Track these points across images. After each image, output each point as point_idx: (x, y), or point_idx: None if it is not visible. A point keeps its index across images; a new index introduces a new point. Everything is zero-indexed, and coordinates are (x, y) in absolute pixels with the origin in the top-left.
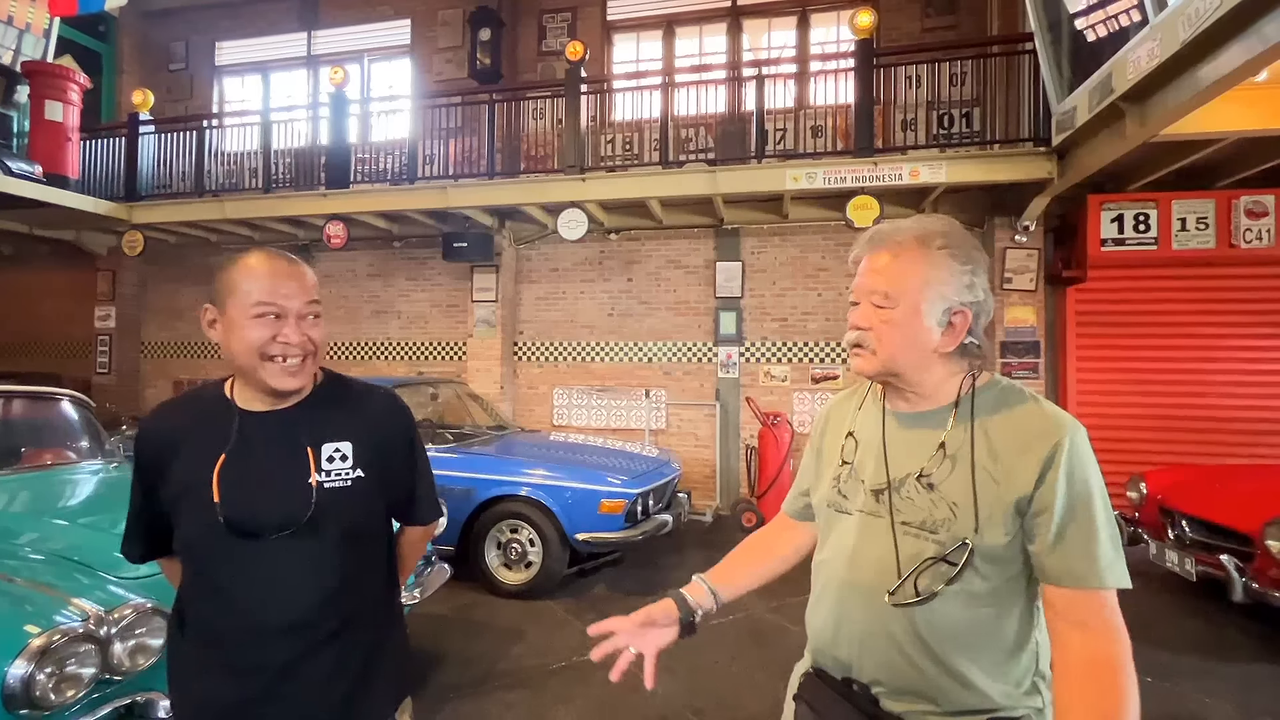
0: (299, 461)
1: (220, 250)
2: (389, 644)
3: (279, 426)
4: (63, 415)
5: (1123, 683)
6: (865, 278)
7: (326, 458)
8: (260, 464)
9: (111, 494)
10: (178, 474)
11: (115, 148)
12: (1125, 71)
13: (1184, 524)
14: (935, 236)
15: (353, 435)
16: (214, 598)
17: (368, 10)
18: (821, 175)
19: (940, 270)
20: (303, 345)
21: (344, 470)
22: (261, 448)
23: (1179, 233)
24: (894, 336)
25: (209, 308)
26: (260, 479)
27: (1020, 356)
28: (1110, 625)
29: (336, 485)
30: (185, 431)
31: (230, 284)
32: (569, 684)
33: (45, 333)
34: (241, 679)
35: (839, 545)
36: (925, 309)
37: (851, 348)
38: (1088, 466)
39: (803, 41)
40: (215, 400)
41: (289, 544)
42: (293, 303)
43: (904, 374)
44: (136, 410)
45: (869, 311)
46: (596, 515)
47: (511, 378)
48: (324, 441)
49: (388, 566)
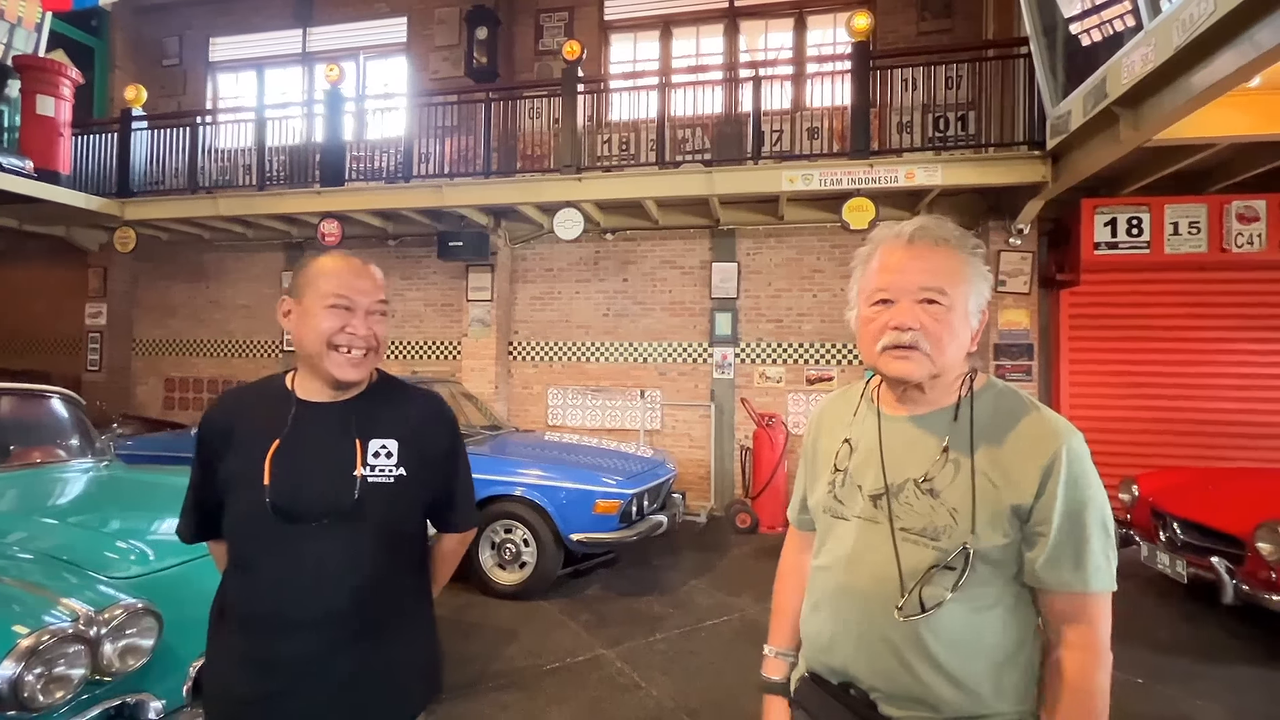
0: (346, 453)
1: (213, 247)
2: (415, 654)
3: (332, 418)
4: (52, 413)
5: (1096, 710)
6: (913, 275)
7: (373, 453)
8: (310, 452)
9: (101, 492)
10: (234, 457)
11: (108, 143)
12: (1119, 76)
13: (1175, 526)
14: (967, 237)
15: (399, 434)
16: (251, 583)
17: (364, 8)
18: (818, 177)
19: (973, 268)
20: (367, 339)
21: (388, 466)
22: (313, 437)
23: (1171, 237)
24: (950, 337)
25: (285, 300)
26: (309, 466)
27: (1014, 359)
28: (1095, 641)
29: (380, 480)
30: (245, 418)
31: (309, 278)
32: (563, 685)
33: (36, 329)
34: (264, 671)
35: (836, 551)
36: (971, 307)
37: (896, 349)
38: (1087, 474)
39: (799, 43)
40: (277, 390)
41: (328, 532)
42: (363, 298)
43: (942, 375)
44: (127, 408)
45: (915, 309)
46: (591, 516)
47: (506, 377)
48: (372, 436)
49: (421, 574)
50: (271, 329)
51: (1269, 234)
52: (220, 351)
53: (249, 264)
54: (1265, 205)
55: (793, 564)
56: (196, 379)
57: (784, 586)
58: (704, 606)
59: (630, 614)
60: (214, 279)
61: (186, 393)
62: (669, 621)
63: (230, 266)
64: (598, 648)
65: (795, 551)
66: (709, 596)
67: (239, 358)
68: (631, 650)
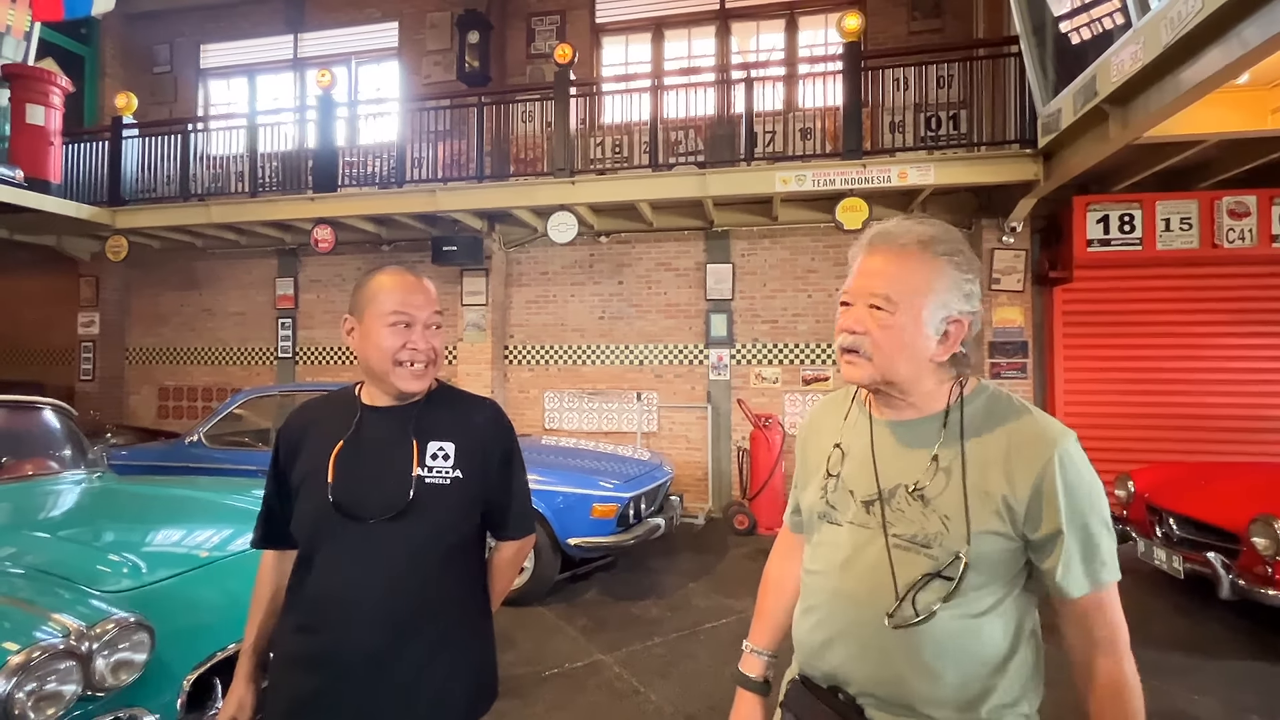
0: (405, 453)
1: (205, 255)
2: (470, 661)
3: (393, 421)
4: (44, 424)
5: (1137, 705)
6: (864, 279)
7: (430, 454)
8: (371, 452)
9: (94, 505)
10: (304, 460)
11: (98, 151)
12: (1109, 74)
13: (1171, 522)
14: (939, 241)
15: (456, 437)
16: (313, 579)
17: (355, 12)
18: (811, 177)
19: (944, 277)
20: (428, 352)
21: (445, 468)
22: (374, 439)
23: (1163, 233)
24: (892, 343)
25: (348, 318)
26: (369, 466)
27: (1009, 357)
28: (1118, 636)
29: (436, 481)
30: (316, 424)
31: (368, 296)
32: (562, 691)
33: (26, 340)
34: (320, 668)
35: (830, 556)
36: (926, 316)
37: (843, 352)
38: (1084, 476)
39: (791, 44)
40: (345, 398)
41: (388, 529)
42: (421, 313)
43: (897, 383)
44: (120, 418)
45: (864, 314)
46: (588, 520)
47: (502, 381)
48: (430, 439)
49: (478, 582)
50: (266, 335)
51: (1260, 229)
52: (214, 359)
53: (242, 271)
54: (1255, 200)
55: (778, 566)
56: (191, 387)
57: (768, 588)
58: (702, 609)
59: (628, 618)
60: (207, 286)
61: (181, 401)
62: (667, 625)
63: (223, 274)
64: (596, 653)
65: (783, 554)
66: (707, 599)
67: (233, 365)
68: (630, 655)
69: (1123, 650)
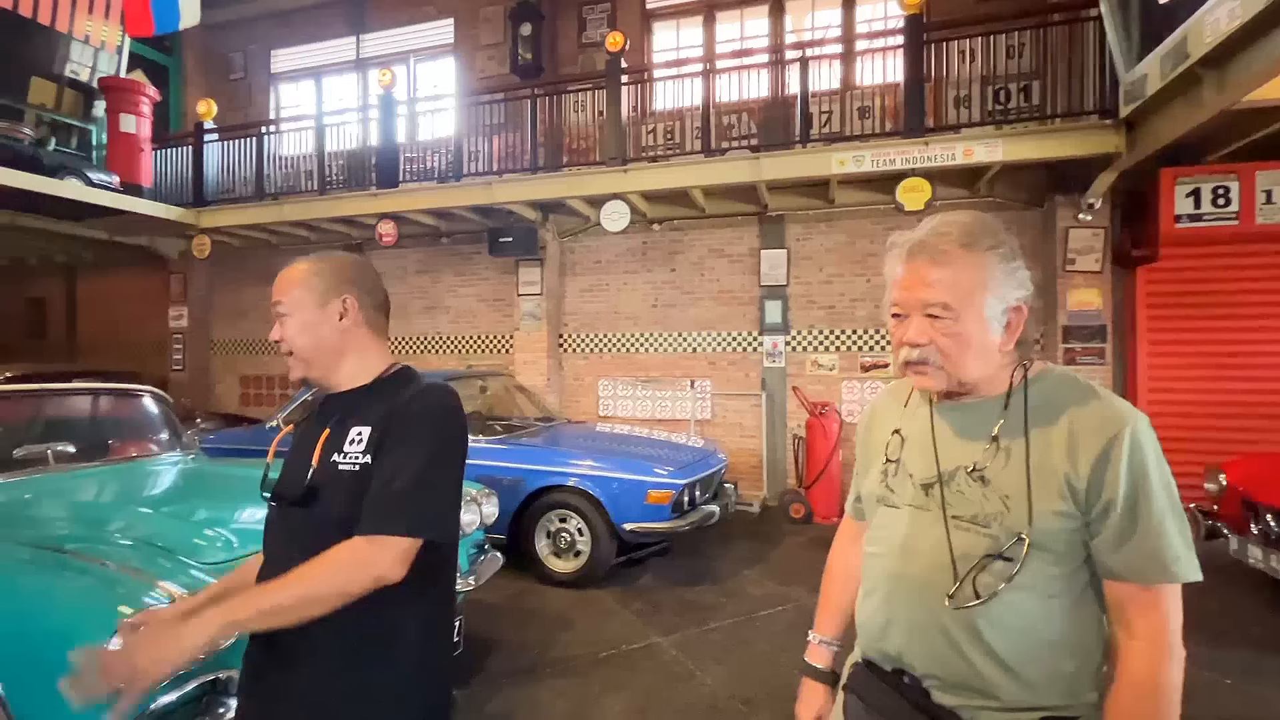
0: (318, 437)
1: (280, 252)
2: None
3: (338, 406)
4: (144, 410)
5: (1165, 710)
6: (914, 290)
7: (349, 439)
8: (302, 438)
9: (189, 484)
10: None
11: (183, 156)
12: (1202, 35)
13: (1269, 518)
14: (980, 237)
15: (374, 421)
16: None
17: (412, 11)
18: (869, 158)
19: (994, 272)
20: (282, 341)
21: (356, 454)
22: (310, 425)
23: (1264, 205)
24: (961, 349)
25: None
26: (295, 451)
27: (1085, 342)
28: (1165, 634)
29: (347, 467)
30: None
31: None
32: (618, 672)
33: (125, 333)
34: (250, 657)
35: (889, 539)
36: (988, 314)
37: (907, 365)
38: (1149, 458)
39: (848, 20)
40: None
41: (298, 514)
42: (275, 305)
43: (970, 381)
44: (208, 405)
45: (924, 325)
46: (644, 505)
47: (557, 369)
48: (351, 424)
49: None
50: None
51: None
52: None
53: None
54: None
55: (842, 554)
56: (269, 376)
57: (832, 576)
58: (758, 596)
59: (683, 603)
60: None
61: (260, 389)
62: (722, 611)
63: None
64: (652, 636)
65: (846, 542)
66: (762, 586)
67: None
68: (686, 639)
69: (1171, 649)
